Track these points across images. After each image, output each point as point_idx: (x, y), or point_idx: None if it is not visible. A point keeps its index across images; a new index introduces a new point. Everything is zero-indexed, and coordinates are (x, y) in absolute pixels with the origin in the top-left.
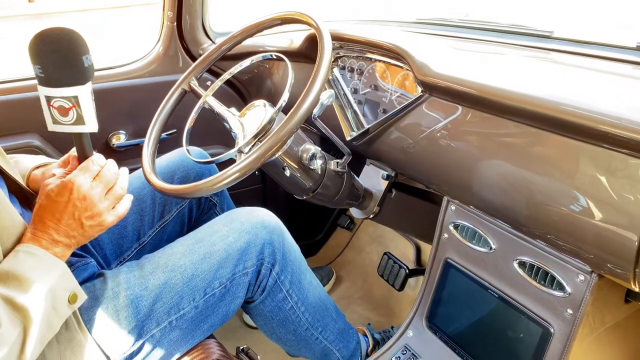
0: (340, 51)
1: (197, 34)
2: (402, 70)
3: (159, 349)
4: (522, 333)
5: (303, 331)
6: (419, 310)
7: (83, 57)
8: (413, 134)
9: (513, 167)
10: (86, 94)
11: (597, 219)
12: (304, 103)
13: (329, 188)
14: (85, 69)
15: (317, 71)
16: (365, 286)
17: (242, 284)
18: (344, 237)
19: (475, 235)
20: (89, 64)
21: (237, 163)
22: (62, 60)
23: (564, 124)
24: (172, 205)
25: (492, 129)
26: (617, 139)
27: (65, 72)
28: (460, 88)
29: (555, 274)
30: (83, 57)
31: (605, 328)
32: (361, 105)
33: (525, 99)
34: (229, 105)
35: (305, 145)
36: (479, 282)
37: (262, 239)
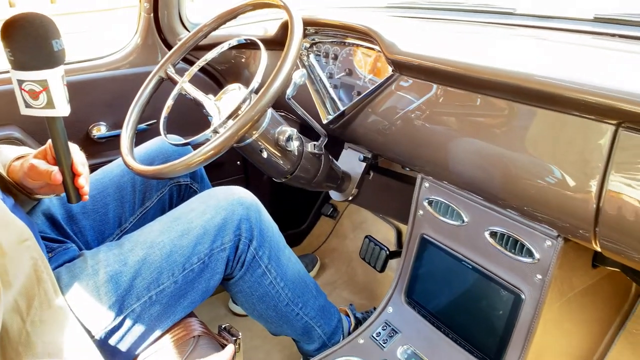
0: (315, 37)
1: (174, 25)
2: (375, 53)
3: (140, 324)
4: (496, 301)
5: (283, 307)
6: (397, 287)
7: (53, 41)
8: (389, 115)
9: (487, 142)
10: (56, 77)
11: (563, 186)
12: (276, 81)
13: (307, 170)
14: (55, 53)
15: (288, 49)
16: (348, 271)
17: (221, 259)
18: (327, 226)
19: (448, 209)
20: (59, 49)
21: (211, 141)
22: (31, 43)
23: (534, 93)
24: (153, 192)
25: (465, 106)
26: (580, 103)
27: (35, 56)
28: (429, 64)
29: (524, 241)
30: (53, 41)
31: (575, 293)
32: (337, 89)
33: (495, 71)
34: (207, 94)
35: (282, 127)
36: (453, 254)
37: (239, 214)
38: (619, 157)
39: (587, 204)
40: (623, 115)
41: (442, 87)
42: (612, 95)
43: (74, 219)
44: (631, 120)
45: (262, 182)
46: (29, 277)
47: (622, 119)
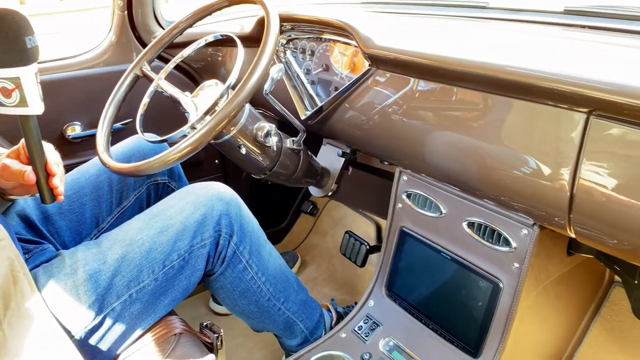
0: (292, 33)
1: (149, 23)
2: (352, 48)
3: (120, 323)
4: (475, 290)
5: (265, 302)
6: (378, 280)
7: (26, 38)
8: (366, 110)
9: (463, 135)
10: (29, 75)
11: (538, 176)
12: (253, 75)
13: (286, 166)
14: (28, 50)
15: (265, 43)
16: (329, 267)
17: (201, 255)
18: (307, 223)
19: (426, 202)
20: (32, 45)
21: (188, 137)
22: (3, 40)
23: (508, 83)
24: (130, 191)
25: (441, 99)
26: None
27: (7, 53)
28: (405, 58)
29: (501, 230)
30: (26, 38)
31: (551, 280)
32: (314, 85)
33: (469, 64)
34: (183, 92)
35: (260, 123)
36: (432, 246)
37: (219, 210)
38: (590, 145)
39: (561, 192)
40: (594, 103)
41: (418, 80)
42: (583, 84)
43: (50, 219)
44: (602, 107)
45: (241, 181)
46: (5, 277)
47: (593, 106)
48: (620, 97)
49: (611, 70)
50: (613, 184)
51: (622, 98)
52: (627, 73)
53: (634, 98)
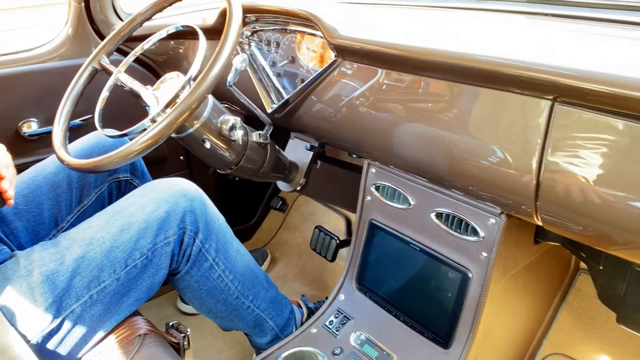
0: (256, 25)
1: (108, 14)
2: (317, 39)
3: (80, 326)
4: (444, 281)
5: (233, 300)
6: (348, 274)
7: None
8: (334, 102)
9: (431, 126)
10: None
11: (506, 165)
12: (215, 66)
13: (252, 160)
14: None
15: (227, 32)
16: (300, 263)
17: (165, 253)
18: (277, 219)
19: (395, 193)
20: None
21: (149, 130)
22: None
23: (474, 72)
24: (91, 189)
25: (409, 90)
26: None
27: None
28: (371, 48)
29: (469, 220)
30: None
31: (519, 269)
32: (280, 77)
33: (436, 53)
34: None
35: (224, 116)
36: (401, 238)
37: (183, 207)
38: (555, 132)
39: (528, 180)
40: (558, 89)
41: (386, 71)
42: (547, 70)
43: (4, 220)
44: (566, 94)
45: (207, 177)
46: None
47: (558, 93)
48: (583, 83)
49: (575, 57)
50: (578, 170)
51: (586, 84)
52: (591, 59)
53: (597, 84)
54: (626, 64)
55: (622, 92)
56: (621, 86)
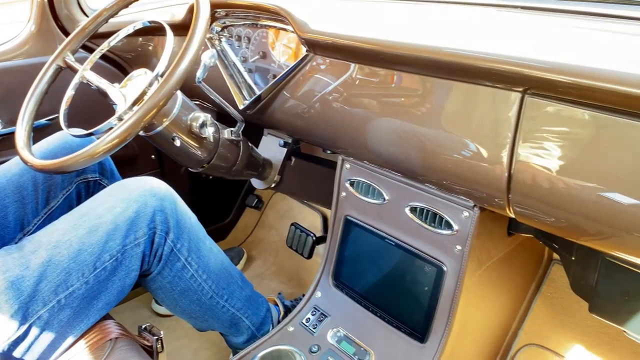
0: (226, 20)
1: (72, 11)
2: (288, 33)
3: (48, 332)
4: (420, 275)
5: (207, 300)
6: (325, 271)
7: None
8: (307, 98)
9: (405, 121)
10: None
11: (478, 158)
12: (182, 61)
13: (225, 158)
14: None
15: (194, 27)
16: (277, 261)
17: (135, 255)
18: (253, 217)
19: (369, 189)
20: None
21: (115, 128)
22: None
23: (446, 65)
24: (58, 191)
25: (382, 85)
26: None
27: None
28: (342, 42)
29: (443, 213)
30: None
31: (493, 261)
32: (251, 73)
33: (408, 46)
34: (112, 83)
35: (195, 113)
36: (377, 233)
37: (152, 206)
38: (526, 124)
39: (500, 173)
40: (528, 81)
41: (358, 66)
42: (516, 62)
43: None
44: (535, 86)
45: (180, 176)
46: None
47: (528, 85)
48: (552, 75)
49: (544, 48)
50: (549, 162)
51: (554, 75)
52: (560, 51)
53: (565, 75)
54: (596, 56)
55: (590, 83)
56: (589, 77)
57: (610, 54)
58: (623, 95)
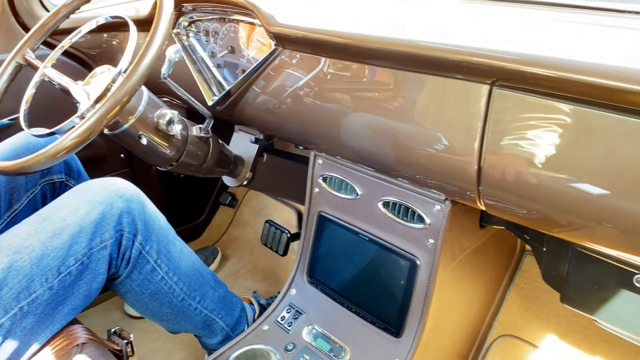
0: (193, 14)
1: (33, 7)
2: (256, 27)
3: (11, 340)
4: (394, 270)
5: (179, 302)
6: (299, 268)
7: None
8: (277, 93)
9: (377, 115)
10: None
11: (450, 151)
12: (145, 57)
13: (194, 155)
14: None
15: (157, 21)
16: (252, 259)
17: (102, 258)
18: (227, 215)
19: (342, 184)
20: None
21: (77, 127)
22: None
23: (415, 58)
24: (22, 193)
25: (354, 79)
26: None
27: None
28: (312, 36)
29: (415, 207)
30: None
31: (466, 254)
32: (220, 68)
33: (379, 40)
34: (76, 81)
35: (161, 110)
36: (350, 229)
37: (119, 208)
38: (494, 116)
39: (470, 165)
40: (495, 73)
41: (329, 60)
42: (483, 54)
43: None
44: (503, 77)
45: (151, 175)
46: None
47: (496, 77)
48: (518, 66)
49: (510, 40)
50: (517, 154)
51: (520, 66)
52: (526, 43)
53: (531, 66)
54: (563, 47)
55: (556, 74)
56: (555, 68)
57: (578, 45)
58: (590, 86)
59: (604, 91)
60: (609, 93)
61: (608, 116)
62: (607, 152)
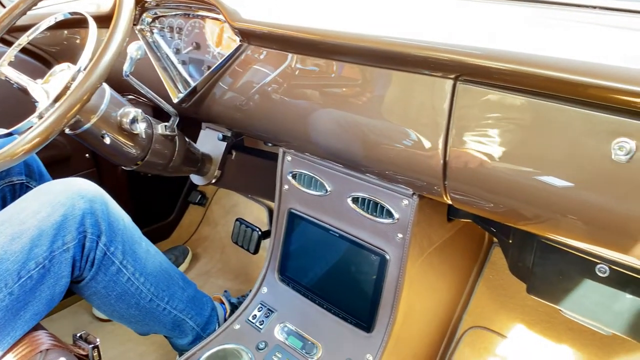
0: (157, 10)
1: None
2: (221, 23)
3: None
4: (364, 265)
5: (147, 303)
6: (270, 266)
7: None
8: (245, 90)
9: (346, 111)
10: None
11: (418, 147)
12: (105, 54)
13: (160, 154)
14: None
15: (117, 16)
16: (223, 258)
17: (65, 261)
18: (197, 214)
19: (312, 181)
20: None
21: (35, 127)
22: None
23: (381, 54)
24: None
25: (322, 75)
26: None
27: None
28: (278, 32)
29: (384, 203)
30: None
31: (434, 247)
32: (186, 65)
33: (345, 35)
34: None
35: (125, 109)
36: (321, 225)
37: (81, 209)
38: (458, 111)
39: (436, 160)
40: (458, 68)
41: (296, 56)
42: (446, 49)
43: None
44: (466, 72)
45: (117, 175)
46: None
47: (459, 72)
48: (480, 60)
49: (475, 36)
50: (481, 148)
51: (484, 61)
52: (489, 38)
53: (494, 60)
54: (526, 42)
55: (517, 69)
56: (516, 62)
57: (540, 40)
58: (552, 80)
59: (565, 85)
60: (571, 87)
61: (570, 110)
62: (570, 145)
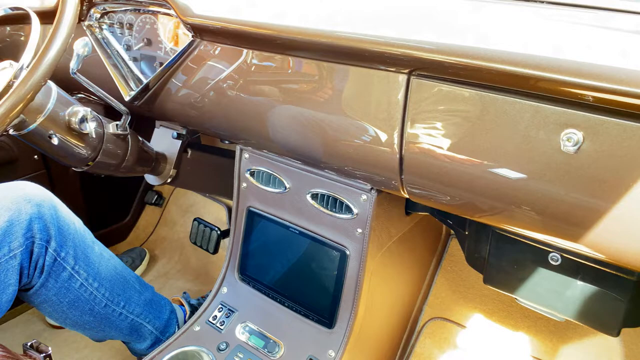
0: (106, 5)
1: None
2: (173, 18)
3: None
4: (325, 261)
5: (101, 309)
6: (230, 265)
7: None
8: (199, 86)
9: (303, 107)
10: None
11: (376, 142)
12: (49, 51)
13: (112, 154)
14: None
15: (61, 12)
16: (182, 259)
17: (11, 268)
18: (154, 215)
19: (270, 178)
20: None
21: None
22: None
23: (335, 49)
24: None
25: (278, 71)
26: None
27: None
28: (231, 27)
29: (343, 198)
30: None
31: (394, 241)
32: (137, 62)
33: (300, 30)
34: None
35: (73, 108)
36: (280, 223)
37: (28, 214)
38: (412, 105)
39: (392, 155)
40: (411, 62)
41: (252, 51)
42: (400, 44)
43: None
44: (419, 67)
45: (69, 177)
46: None
47: (412, 66)
48: (432, 55)
49: (427, 30)
50: (436, 141)
51: (435, 55)
52: (442, 32)
53: (445, 54)
54: (477, 36)
55: (467, 62)
56: (466, 56)
57: (491, 34)
58: (502, 74)
59: (515, 78)
60: (520, 80)
61: (521, 103)
62: (520, 137)
